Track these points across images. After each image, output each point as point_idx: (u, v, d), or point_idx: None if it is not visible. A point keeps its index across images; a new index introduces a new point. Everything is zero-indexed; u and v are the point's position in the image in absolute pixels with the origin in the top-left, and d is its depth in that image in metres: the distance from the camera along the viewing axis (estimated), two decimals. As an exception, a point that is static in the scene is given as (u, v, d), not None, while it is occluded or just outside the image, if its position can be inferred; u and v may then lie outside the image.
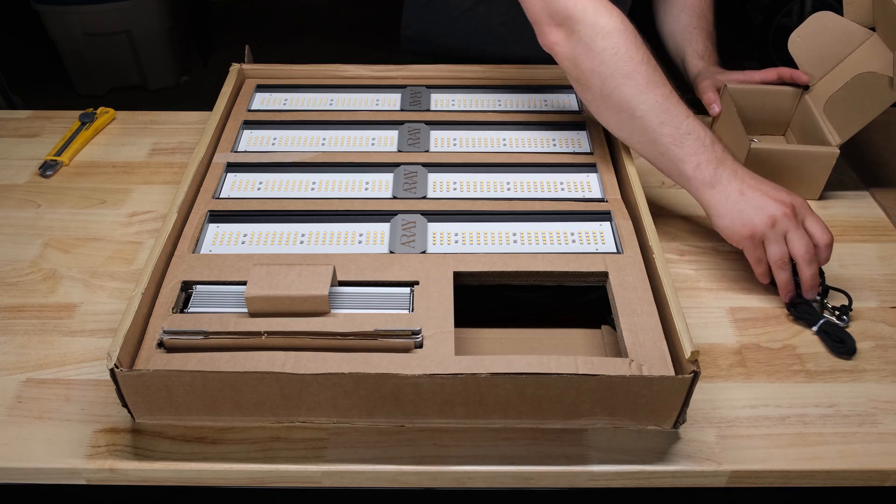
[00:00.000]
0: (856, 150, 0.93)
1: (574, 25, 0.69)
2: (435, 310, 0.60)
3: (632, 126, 0.70)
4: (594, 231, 0.70)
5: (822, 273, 0.73)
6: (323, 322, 0.59)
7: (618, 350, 0.61)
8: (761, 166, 0.81)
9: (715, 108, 0.92)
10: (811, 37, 0.86)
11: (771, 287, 0.74)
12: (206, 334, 0.57)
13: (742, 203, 0.67)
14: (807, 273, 0.68)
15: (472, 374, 0.55)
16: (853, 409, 0.62)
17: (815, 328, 0.68)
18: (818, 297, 0.71)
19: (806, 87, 0.89)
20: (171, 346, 0.58)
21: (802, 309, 0.69)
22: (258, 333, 0.57)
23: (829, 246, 0.68)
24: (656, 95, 0.68)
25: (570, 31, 0.70)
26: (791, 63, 0.91)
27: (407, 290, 0.63)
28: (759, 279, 0.71)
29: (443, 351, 0.57)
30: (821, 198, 0.86)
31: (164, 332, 0.58)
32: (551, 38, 0.72)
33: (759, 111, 0.91)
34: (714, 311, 0.71)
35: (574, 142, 0.82)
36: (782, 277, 0.69)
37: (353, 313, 0.61)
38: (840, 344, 0.67)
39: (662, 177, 0.89)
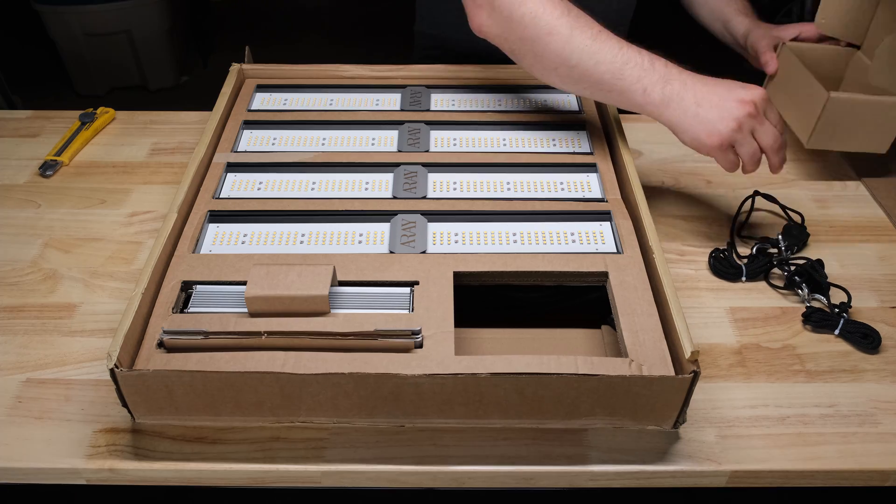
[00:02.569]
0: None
1: (493, 1, 0.71)
2: (435, 310, 0.60)
3: (572, 76, 0.71)
4: (594, 231, 0.70)
5: (823, 272, 0.73)
6: (323, 322, 0.59)
7: (618, 350, 0.61)
8: (838, 118, 0.82)
9: (771, 67, 0.92)
10: (833, 10, 0.86)
11: (771, 287, 0.74)
12: (206, 334, 0.57)
13: (702, 113, 0.67)
14: (775, 160, 0.70)
15: (472, 374, 0.55)
16: (853, 409, 0.62)
17: (837, 331, 0.68)
18: (821, 298, 0.71)
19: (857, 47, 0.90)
20: (171, 346, 0.58)
21: (817, 317, 0.69)
22: (258, 333, 0.57)
23: (782, 125, 0.71)
24: (584, 39, 0.69)
25: (490, 8, 0.72)
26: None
27: (407, 290, 0.63)
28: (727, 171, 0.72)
29: (443, 351, 0.57)
30: (821, 198, 0.86)
31: (164, 332, 0.58)
32: (478, 20, 0.73)
33: (812, 69, 0.90)
34: (714, 311, 0.71)
35: (574, 142, 0.82)
36: (752, 168, 0.71)
37: (353, 313, 0.61)
38: (865, 339, 0.67)
39: (662, 177, 0.89)
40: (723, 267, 0.75)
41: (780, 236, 0.78)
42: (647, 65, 0.69)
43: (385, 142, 0.82)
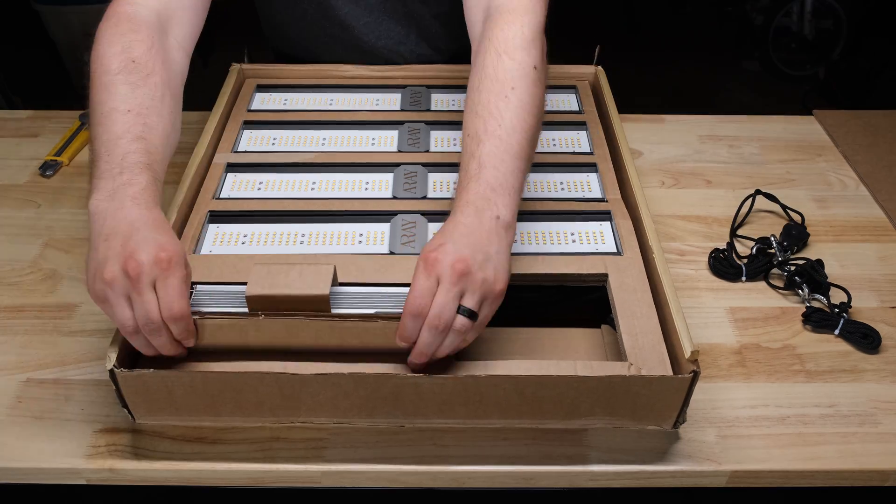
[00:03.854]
0: (857, 150, 0.93)
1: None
2: None
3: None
4: (594, 231, 0.70)
5: (823, 272, 0.73)
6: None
7: (618, 350, 0.61)
8: None
9: None
10: None
11: (771, 287, 0.74)
12: (203, 314, 0.57)
13: (100, 250, 0.53)
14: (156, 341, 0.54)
15: (472, 374, 0.54)
16: (853, 409, 0.62)
17: (837, 331, 0.68)
18: (821, 298, 0.71)
19: None
20: None
21: (817, 317, 0.69)
22: (255, 314, 0.57)
23: (176, 319, 0.52)
24: (110, 101, 0.59)
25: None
26: (791, 63, 0.90)
27: (407, 290, 0.63)
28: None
29: None
30: (821, 198, 0.86)
31: None
32: None
33: None
34: (714, 311, 0.71)
35: (574, 142, 0.82)
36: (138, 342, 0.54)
37: (353, 313, 0.60)
38: (865, 339, 0.67)
39: (662, 177, 0.89)
40: (723, 267, 0.75)
41: (779, 236, 0.78)
42: (117, 159, 0.56)
43: (385, 142, 0.82)
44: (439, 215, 0.71)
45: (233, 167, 0.77)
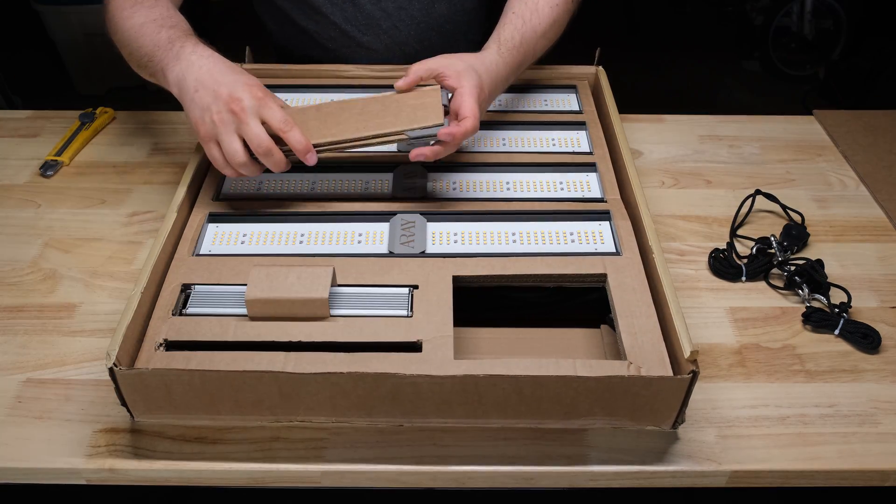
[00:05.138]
0: (857, 150, 0.93)
1: None
2: (434, 314, 0.60)
3: (132, 58, 0.72)
4: (593, 231, 0.70)
5: (823, 272, 0.73)
6: (323, 329, 0.59)
7: (617, 350, 0.61)
8: None
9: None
10: None
11: (771, 287, 0.74)
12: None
13: (197, 99, 0.63)
14: (266, 163, 0.65)
15: (471, 373, 0.54)
16: (853, 409, 0.62)
17: (837, 331, 0.68)
18: (821, 298, 0.71)
19: None
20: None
21: (817, 317, 0.69)
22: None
23: (289, 131, 0.63)
24: (138, 18, 0.70)
25: None
26: (791, 63, 0.90)
27: (406, 290, 0.63)
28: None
29: (442, 356, 0.57)
30: (821, 198, 0.86)
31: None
32: None
33: None
34: (714, 311, 0.71)
35: (574, 142, 0.82)
36: (231, 171, 0.65)
37: (352, 317, 0.60)
38: (865, 339, 0.67)
39: (662, 177, 0.89)
40: (723, 267, 0.75)
41: (779, 236, 0.78)
42: (165, 43, 0.67)
43: (385, 142, 0.82)
44: (438, 215, 0.71)
45: (233, 167, 0.77)
